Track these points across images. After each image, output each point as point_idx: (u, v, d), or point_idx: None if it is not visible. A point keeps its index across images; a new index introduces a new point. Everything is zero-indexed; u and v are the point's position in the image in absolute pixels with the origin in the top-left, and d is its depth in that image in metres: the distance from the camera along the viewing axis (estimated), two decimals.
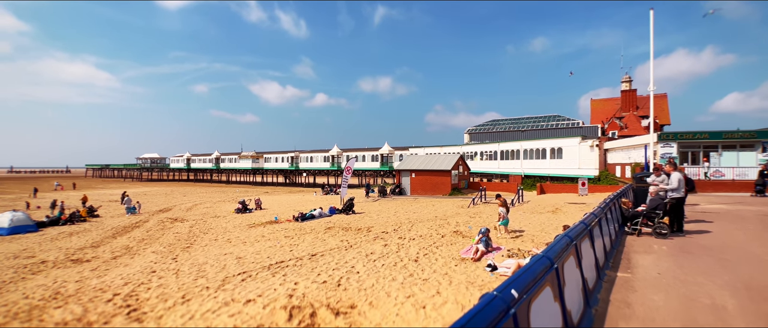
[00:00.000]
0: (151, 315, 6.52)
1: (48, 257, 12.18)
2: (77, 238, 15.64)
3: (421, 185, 30.86)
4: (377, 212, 20.32)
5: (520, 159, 37.04)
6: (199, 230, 16.99)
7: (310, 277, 8.09)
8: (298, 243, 12.50)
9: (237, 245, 12.83)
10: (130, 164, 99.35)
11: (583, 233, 4.55)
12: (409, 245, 11.10)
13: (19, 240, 15.35)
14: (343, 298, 6.67)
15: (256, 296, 6.95)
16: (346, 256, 10.04)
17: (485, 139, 50.63)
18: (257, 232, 15.51)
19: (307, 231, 14.95)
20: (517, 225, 13.78)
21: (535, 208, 18.91)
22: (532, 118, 50.78)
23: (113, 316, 6.62)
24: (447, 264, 8.67)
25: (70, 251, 13.09)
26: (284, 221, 18.25)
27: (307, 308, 6.16)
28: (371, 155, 53.67)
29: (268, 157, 68.09)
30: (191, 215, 22.57)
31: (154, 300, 7.35)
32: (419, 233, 13.18)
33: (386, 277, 7.82)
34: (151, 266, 10.45)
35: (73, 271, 10.29)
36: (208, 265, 10.10)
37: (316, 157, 60.11)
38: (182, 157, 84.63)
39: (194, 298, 7.29)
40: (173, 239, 14.73)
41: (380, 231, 13.97)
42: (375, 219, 17.45)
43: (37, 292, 8.41)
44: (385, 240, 12.05)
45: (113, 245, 13.90)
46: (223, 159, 75.54)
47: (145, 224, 19.24)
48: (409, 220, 16.62)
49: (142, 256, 11.94)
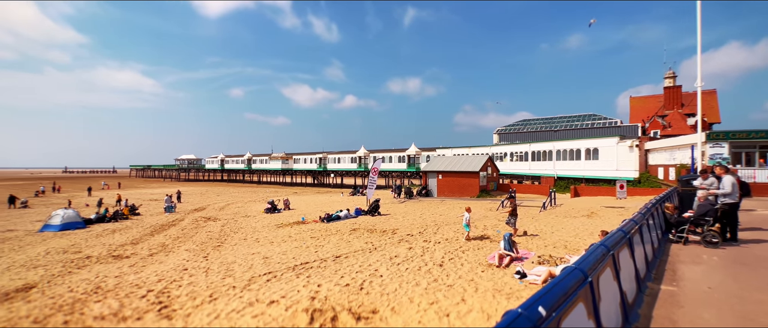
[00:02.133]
0: (179, 313, 6.72)
1: (92, 252, 12.95)
2: (119, 235, 16.56)
3: (448, 187, 30.36)
4: (403, 213, 20.15)
5: (553, 160, 35.62)
6: (230, 229, 17.52)
7: (333, 279, 8.06)
8: (324, 244, 12.57)
9: (265, 245, 13.08)
10: (170, 165, 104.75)
11: (622, 242, 4.20)
12: (435, 248, 10.86)
13: (68, 236, 16.46)
14: (365, 302, 6.58)
15: (280, 298, 7.00)
16: (370, 258, 9.96)
17: (515, 139, 49.15)
18: (284, 232, 15.77)
19: (332, 232, 15.03)
20: (548, 229, 13.18)
21: (568, 211, 18.05)
22: (566, 117, 48.76)
23: (145, 312, 6.88)
24: (473, 270, 8.38)
25: (112, 247, 13.85)
26: (311, 222, 18.47)
27: (328, 312, 6.11)
28: (398, 156, 53.53)
29: (297, 158, 69.58)
30: (223, 215, 23.37)
31: (184, 298, 7.58)
32: (445, 236, 12.89)
33: (410, 281, 7.66)
34: (183, 263, 10.85)
35: (113, 266, 10.86)
36: (236, 264, 10.34)
37: (344, 158, 60.73)
38: (217, 159, 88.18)
39: (221, 297, 7.45)
40: (205, 238, 15.26)
41: (405, 234, 13.80)
42: (400, 221, 17.30)
43: (80, 286, 8.92)
44: (410, 243, 11.87)
45: (151, 243, 14.58)
46: (255, 160, 77.96)
47: (180, 223, 20.10)
48: (435, 222, 16.33)
49: (176, 253, 12.42)
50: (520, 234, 12.42)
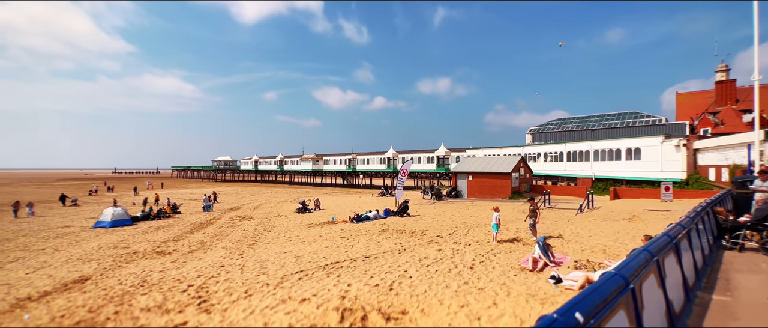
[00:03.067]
0: (217, 307, 7.03)
1: (139, 248, 13.82)
2: (162, 232, 17.57)
3: (478, 188, 29.79)
4: (432, 215, 19.99)
5: (590, 160, 34.03)
6: (263, 228, 18.11)
7: (362, 279, 8.13)
8: (353, 244, 12.70)
9: (296, 244, 13.41)
10: (207, 166, 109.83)
11: (668, 247, 3.94)
12: (465, 250, 10.69)
13: (118, 232, 17.67)
14: (394, 303, 6.58)
15: (311, 296, 7.15)
16: (399, 259, 9.96)
17: (550, 139, 47.43)
18: (315, 232, 16.09)
19: (362, 233, 15.16)
20: (585, 233, 12.60)
21: (607, 214, 17.18)
22: (604, 115, 46.46)
23: (186, 305, 7.26)
24: (505, 273, 8.17)
25: (156, 243, 14.72)
26: (341, 222, 18.73)
27: (358, 311, 6.17)
28: (427, 157, 53.17)
29: (327, 160, 70.80)
30: (257, 214, 24.19)
31: (221, 293, 7.92)
32: (476, 238, 12.65)
33: (439, 283, 7.58)
34: (220, 260, 11.34)
35: (157, 262, 11.53)
36: (269, 262, 10.68)
37: (373, 159, 61.12)
38: (251, 160, 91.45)
39: (255, 293, 7.72)
40: (241, 236, 15.86)
41: (435, 235, 13.68)
42: (430, 222, 17.17)
43: (128, 279, 9.55)
44: (440, 245, 11.76)
45: (190, 240, 15.36)
46: (287, 161, 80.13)
47: (217, 221, 21.02)
48: (465, 224, 16.07)
49: (214, 251, 13.01)
50: (555, 237, 11.97)
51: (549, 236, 11.99)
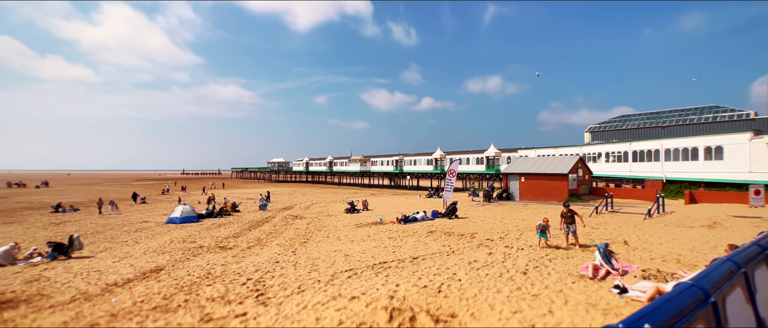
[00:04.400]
0: (273, 301, 7.42)
1: (204, 243, 15.02)
2: (224, 229, 18.94)
3: (531, 190, 28.39)
4: (482, 217, 19.42)
5: (661, 160, 30.94)
6: (314, 227, 18.81)
7: (411, 280, 8.13)
8: (401, 245, 12.74)
9: (345, 243, 13.75)
10: (263, 167, 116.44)
11: (758, 258, 3.47)
12: (517, 255, 10.25)
13: (186, 228, 19.36)
14: (443, 305, 6.50)
15: (360, 294, 7.29)
16: (447, 262, 9.81)
17: (612, 138, 43.93)
18: (363, 232, 16.38)
19: (409, 234, 15.15)
20: (655, 240, 11.49)
21: (682, 220, 15.51)
22: (677, 111, 42.01)
23: (246, 297, 7.75)
24: (562, 280, 7.71)
25: (218, 239, 15.91)
26: (388, 223, 18.88)
27: (407, 311, 6.17)
28: (476, 158, 51.77)
29: (374, 161, 71.75)
30: (308, 213, 25.18)
31: (276, 288, 8.36)
32: (529, 242, 12.08)
33: (490, 288, 7.35)
34: (275, 256, 11.96)
35: (219, 256, 12.46)
36: (320, 260, 11.06)
37: (420, 160, 60.82)
38: (302, 161, 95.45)
39: (308, 289, 8.04)
40: (293, 234, 16.61)
41: (485, 238, 13.28)
42: (479, 225, 16.69)
43: (195, 271, 10.42)
44: (490, 248, 11.39)
45: (248, 237, 16.39)
46: (336, 163, 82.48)
47: (272, 220, 22.21)
48: (517, 227, 15.40)
49: (269, 247, 13.75)
50: (619, 243, 11.05)
51: (612, 242, 11.10)
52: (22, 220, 23.66)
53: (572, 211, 11.13)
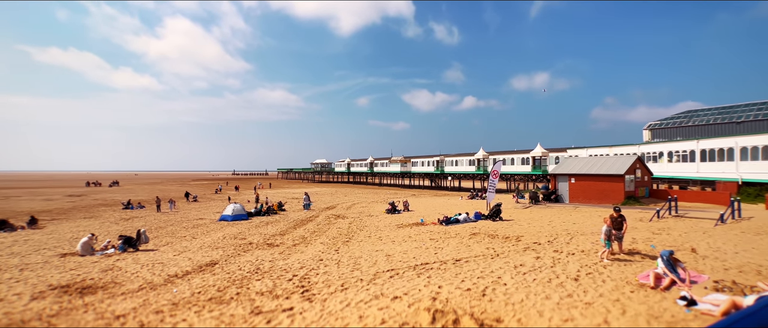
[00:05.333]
0: (318, 297, 7.64)
1: (253, 240, 15.82)
2: (271, 227, 19.81)
3: (582, 192, 26.73)
4: (528, 220, 18.62)
5: (735, 160, 27.79)
6: (356, 226, 19.10)
7: (453, 282, 7.98)
8: (443, 247, 12.56)
9: (387, 243, 13.82)
10: (306, 168, 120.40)
11: None
12: (568, 260, 9.70)
13: (236, 225, 20.50)
14: (488, 309, 6.31)
15: (402, 294, 7.28)
16: (492, 265, 9.51)
17: (675, 135, 40.25)
18: (404, 232, 16.36)
19: (451, 235, 14.90)
20: (729, 249, 10.33)
21: (763, 227, 13.81)
22: (756, 104, 37.55)
23: (292, 293, 8.05)
24: (619, 288, 7.17)
25: (266, 236, 16.67)
26: (429, 224, 18.70)
27: (450, 314, 6.07)
28: (521, 158, 49.76)
29: (414, 161, 71.47)
30: (350, 213, 25.62)
31: (321, 285, 8.59)
32: (580, 247, 11.38)
33: (538, 294, 7.01)
34: (319, 254, 12.31)
35: (267, 252, 13.05)
36: (362, 259, 11.21)
37: (461, 160, 59.62)
38: (344, 162, 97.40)
39: (351, 287, 8.18)
40: (336, 233, 16.99)
41: (531, 242, 12.71)
42: (525, 228, 16.02)
43: (245, 266, 11.00)
44: (538, 252, 10.88)
45: (294, 235, 17.00)
46: (376, 163, 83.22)
47: (316, 219, 22.87)
48: (567, 231, 14.58)
49: (313, 245, 14.17)
50: (686, 251, 10.07)
51: (677, 250, 10.15)
52: (98, 215, 26.41)
53: (622, 216, 10.23)
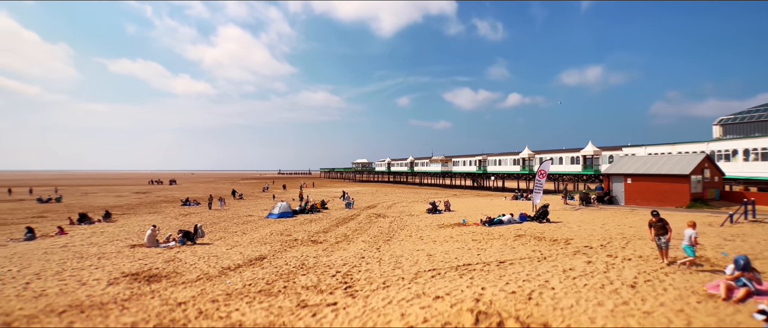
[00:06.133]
0: (360, 293, 7.79)
1: (298, 236, 16.44)
2: (315, 224, 20.47)
3: (640, 193, 24.78)
4: (578, 222, 17.62)
5: None
6: (397, 226, 19.18)
7: (497, 284, 7.77)
8: (486, 248, 12.26)
9: (428, 243, 13.74)
10: (348, 168, 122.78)
11: None
12: (623, 265, 9.07)
13: (282, 222, 21.41)
14: (534, 313, 6.08)
15: (444, 294, 7.22)
16: (538, 268, 9.14)
17: (753, 131, 36.04)
18: (446, 232, 16.17)
19: (495, 237, 14.50)
20: None
21: None
22: None
23: (336, 288, 8.28)
24: (683, 298, 6.59)
25: (310, 233, 17.25)
26: (471, 224, 18.32)
27: (494, 316, 5.93)
28: (570, 157, 47.14)
29: (456, 161, 70.28)
30: (391, 212, 25.77)
31: (363, 281, 8.75)
32: (638, 252, 10.59)
33: (590, 300, 6.63)
34: (361, 252, 12.53)
35: (311, 249, 13.50)
36: (403, 258, 11.25)
37: (505, 160, 57.68)
38: (384, 162, 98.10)
39: (392, 285, 8.25)
40: (377, 232, 17.17)
41: (582, 245, 12.03)
42: (575, 231, 15.18)
43: (291, 261, 11.48)
44: (589, 256, 10.28)
45: (336, 233, 17.43)
46: (417, 163, 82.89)
47: (357, 217, 23.27)
48: (622, 235, 13.62)
49: (355, 243, 14.44)
50: (766, 260, 9.01)
51: (754, 259, 9.11)
52: (160, 210, 28.85)
53: (662, 220, 9.21)
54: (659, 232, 9.10)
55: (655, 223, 9.20)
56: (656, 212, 9.38)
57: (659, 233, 9.09)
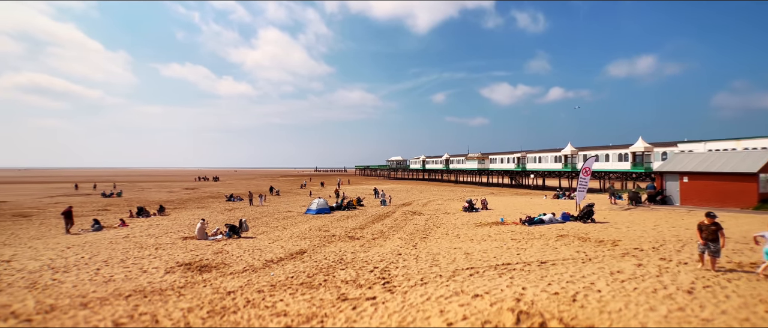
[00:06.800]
0: (398, 289, 7.89)
1: (335, 232, 16.85)
2: (351, 220, 20.86)
3: (697, 193, 22.88)
4: (627, 223, 16.63)
5: None
6: (433, 223, 19.11)
7: (539, 285, 7.57)
8: (526, 248, 11.93)
9: (465, 242, 13.59)
10: (382, 165, 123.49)
11: None
12: (679, 270, 8.48)
13: (320, 218, 22.02)
14: (579, 315, 5.87)
15: (484, 293, 7.14)
16: (583, 270, 8.77)
17: None
18: (483, 231, 15.89)
19: (535, 236, 14.05)
20: None
21: None
22: None
23: (374, 283, 8.45)
24: (748, 306, 6.07)
25: (347, 229, 17.62)
26: (510, 223, 17.86)
27: (536, 316, 5.80)
28: (618, 154, 44.39)
29: (493, 158, 68.51)
30: (426, 210, 25.68)
31: (400, 278, 8.85)
32: (696, 256, 9.83)
33: (640, 304, 6.29)
34: (397, 249, 12.64)
35: (349, 245, 13.81)
36: (440, 256, 11.22)
37: (546, 157, 55.40)
38: (419, 160, 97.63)
39: (430, 282, 8.28)
40: (413, 229, 17.21)
41: (631, 247, 11.37)
42: (624, 232, 14.35)
43: (330, 256, 11.82)
44: (639, 259, 9.70)
45: (372, 229, 17.67)
46: (452, 160, 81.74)
47: (393, 215, 23.42)
48: (677, 238, 12.69)
49: (391, 240, 14.58)
50: None
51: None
52: (207, 205, 30.66)
53: (717, 224, 8.27)
54: (711, 237, 8.22)
55: (707, 226, 8.31)
56: (712, 214, 8.47)
57: (711, 238, 8.22)
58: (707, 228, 8.29)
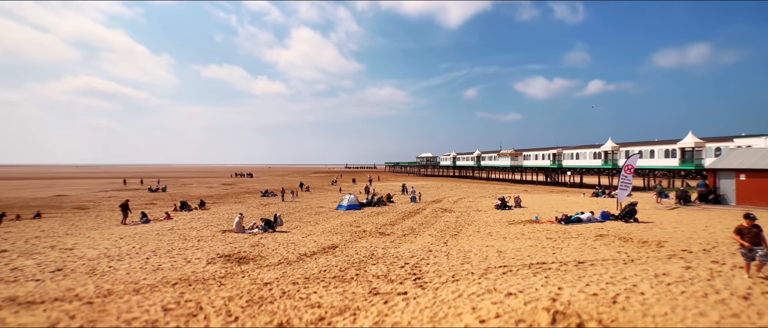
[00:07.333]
0: (430, 285, 7.90)
1: (366, 228, 17.05)
2: (381, 217, 21.01)
3: (756, 192, 21.05)
4: (673, 223, 15.62)
5: None
6: (464, 221, 18.86)
7: (576, 285, 7.31)
8: (562, 247, 11.53)
9: (497, 240, 13.33)
10: (412, 162, 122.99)
11: None
12: (733, 274, 7.88)
13: (351, 214, 22.35)
14: (619, 318, 5.62)
15: (517, 291, 7.00)
16: (624, 271, 8.36)
17: None
18: (517, 229, 15.50)
19: (572, 235, 13.53)
20: None
21: None
22: None
23: (405, 279, 8.50)
24: None
25: (377, 225, 17.78)
26: (545, 222, 17.29)
27: (573, 317, 5.62)
28: (664, 150, 41.63)
29: (526, 155, 66.40)
30: (457, 207, 25.37)
31: (431, 274, 8.84)
32: None
33: (689, 309, 5.93)
34: (428, 246, 12.61)
35: (379, 240, 13.93)
36: (472, 253, 11.09)
37: (584, 153, 52.94)
38: (449, 156, 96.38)
39: (461, 279, 8.22)
40: (444, 226, 17.08)
41: (679, 249, 10.69)
42: (670, 232, 13.51)
43: (361, 251, 11.99)
44: (688, 261, 9.11)
45: (403, 226, 17.72)
46: (484, 157, 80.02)
47: (423, 211, 23.34)
48: (732, 239, 11.78)
49: (422, 237, 14.56)
50: None
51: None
52: (243, 200, 31.97)
53: (758, 226, 7.52)
54: (754, 240, 7.51)
55: (749, 229, 7.58)
56: (751, 215, 7.69)
57: (755, 241, 7.51)
58: (749, 231, 7.61)
